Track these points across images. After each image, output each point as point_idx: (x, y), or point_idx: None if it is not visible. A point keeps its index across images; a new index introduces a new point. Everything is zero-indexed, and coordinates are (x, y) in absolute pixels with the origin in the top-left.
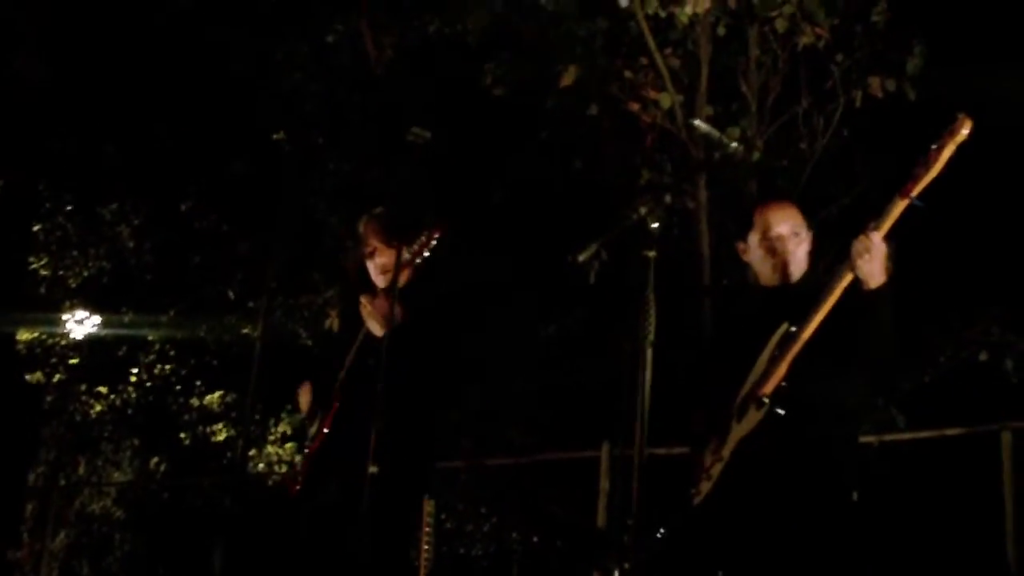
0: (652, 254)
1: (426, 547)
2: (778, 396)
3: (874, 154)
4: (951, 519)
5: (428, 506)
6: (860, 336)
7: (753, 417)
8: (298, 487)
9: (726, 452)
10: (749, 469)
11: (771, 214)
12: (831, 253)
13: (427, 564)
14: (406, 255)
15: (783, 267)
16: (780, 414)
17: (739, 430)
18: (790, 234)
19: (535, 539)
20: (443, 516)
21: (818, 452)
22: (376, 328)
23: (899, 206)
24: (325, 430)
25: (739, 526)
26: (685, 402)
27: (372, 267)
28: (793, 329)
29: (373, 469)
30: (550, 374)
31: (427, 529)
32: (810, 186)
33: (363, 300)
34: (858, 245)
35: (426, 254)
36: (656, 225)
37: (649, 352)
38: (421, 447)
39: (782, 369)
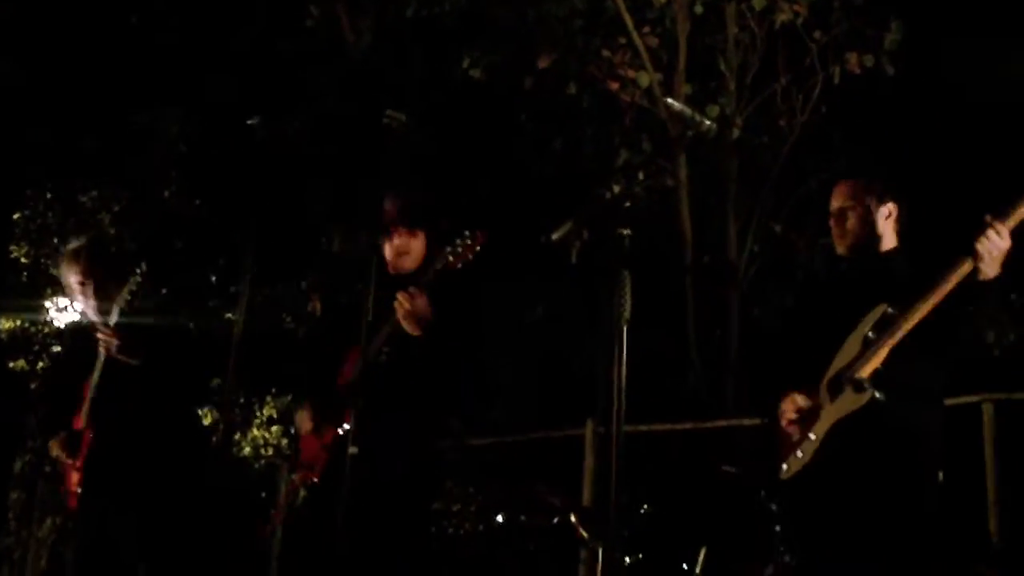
0: (627, 232)
1: None
2: (879, 381)
3: (853, 130)
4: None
5: None
6: (961, 323)
7: (852, 400)
8: (315, 478)
9: (820, 430)
10: (845, 451)
11: (832, 193)
12: (811, 229)
13: None
14: (447, 257)
15: (837, 241)
16: (880, 399)
17: (833, 410)
18: (836, 210)
19: (522, 518)
20: None
21: (912, 437)
22: (411, 327)
23: None
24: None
25: (832, 506)
26: (767, 372)
27: (388, 247)
28: (890, 311)
29: (353, 450)
30: (534, 353)
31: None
32: (789, 162)
33: (400, 298)
34: (988, 243)
35: (469, 258)
36: (628, 204)
37: (625, 330)
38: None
39: (882, 353)
